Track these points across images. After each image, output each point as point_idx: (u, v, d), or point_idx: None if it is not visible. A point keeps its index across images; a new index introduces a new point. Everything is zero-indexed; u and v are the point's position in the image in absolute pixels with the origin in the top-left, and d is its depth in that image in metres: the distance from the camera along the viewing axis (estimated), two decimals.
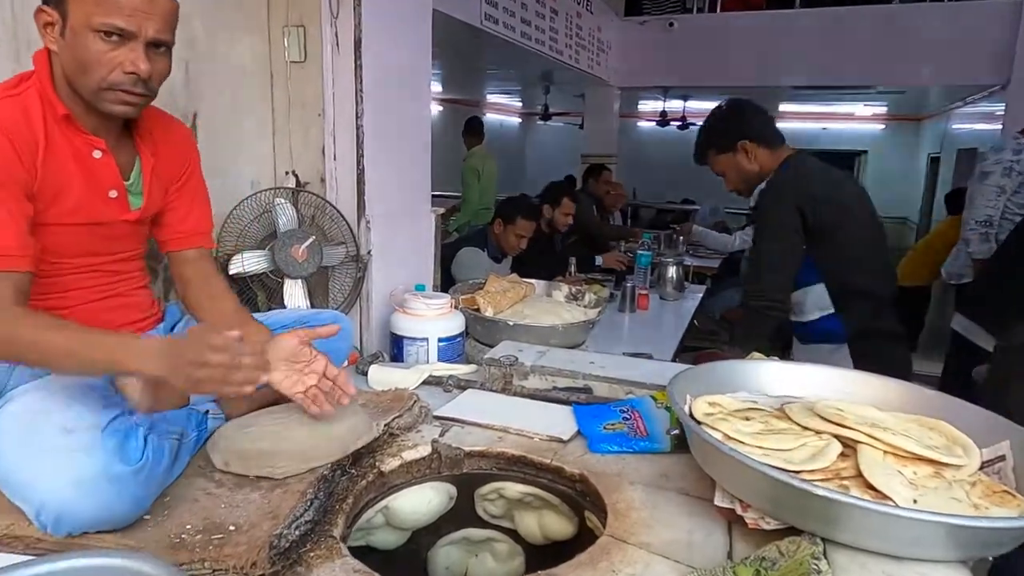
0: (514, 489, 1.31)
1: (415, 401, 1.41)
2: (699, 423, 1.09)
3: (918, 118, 9.46)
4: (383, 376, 1.65)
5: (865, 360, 1.74)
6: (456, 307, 2.15)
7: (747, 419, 1.11)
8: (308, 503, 1.00)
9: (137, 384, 1.13)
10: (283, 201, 1.82)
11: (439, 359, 1.86)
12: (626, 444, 1.27)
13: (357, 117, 1.89)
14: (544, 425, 1.36)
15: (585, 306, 2.49)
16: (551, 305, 2.37)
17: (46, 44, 1.09)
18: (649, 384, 1.49)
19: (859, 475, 0.96)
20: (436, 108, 8.80)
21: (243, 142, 1.92)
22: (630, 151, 8.86)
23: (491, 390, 1.55)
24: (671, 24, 5.73)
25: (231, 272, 1.74)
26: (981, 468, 1.04)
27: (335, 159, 1.93)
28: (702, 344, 5.32)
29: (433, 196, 7.01)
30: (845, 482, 0.96)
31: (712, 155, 2.01)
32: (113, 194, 1.19)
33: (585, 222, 4.92)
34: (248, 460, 1.09)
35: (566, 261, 4.75)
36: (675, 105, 8.95)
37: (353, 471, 1.16)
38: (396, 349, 1.89)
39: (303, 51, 1.89)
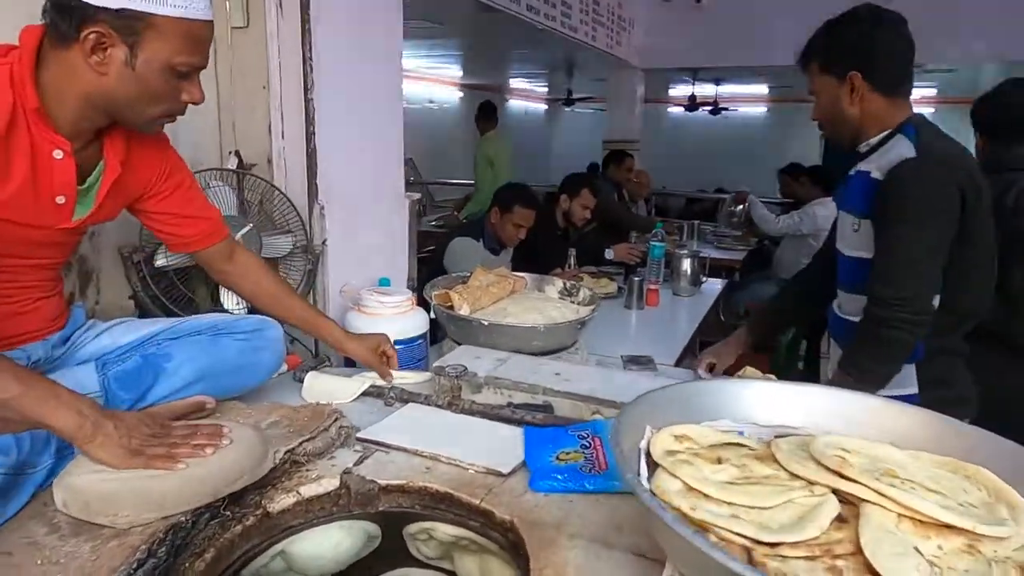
0: (444, 531, 1.08)
1: (335, 420, 1.18)
2: (656, 465, 0.84)
3: (970, 101, 8.86)
4: (319, 385, 1.43)
5: (931, 384, 1.44)
6: (426, 303, 1.93)
7: (719, 461, 0.86)
8: (136, 564, 0.78)
9: None
10: (220, 184, 1.61)
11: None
12: (575, 481, 1.02)
13: (306, 90, 1.67)
14: (485, 452, 1.12)
15: (579, 303, 2.24)
16: (539, 302, 2.12)
17: (88, 65, 0.98)
18: (620, 403, 1.24)
19: (859, 551, 0.70)
20: (457, 94, 8.59)
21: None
22: (659, 138, 8.52)
23: (437, 405, 1.32)
24: (698, 0, 5.37)
25: (157, 265, 1.54)
26: None
27: (283, 138, 1.72)
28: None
29: (451, 184, 6.93)
30: (839, 562, 0.70)
31: (814, 67, 1.50)
32: (60, 200, 1.08)
33: (605, 208, 4.65)
34: (88, 503, 0.88)
35: (584, 251, 4.51)
36: (707, 90, 8.53)
37: (228, 513, 0.94)
38: None
39: (246, 14, 1.68)
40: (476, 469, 1.08)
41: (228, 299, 1.62)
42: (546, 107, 11.14)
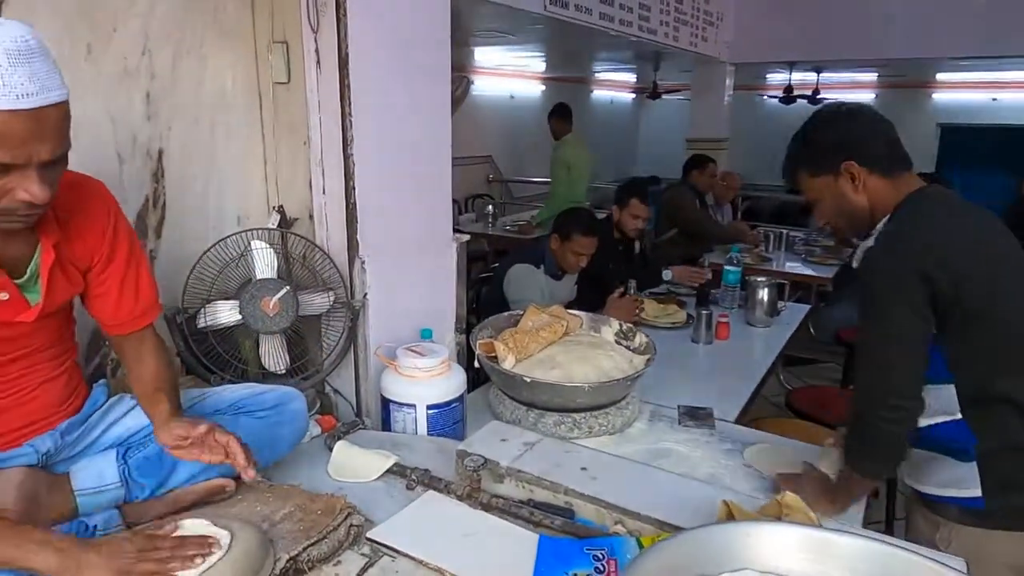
0: None
1: (346, 517, 1.16)
2: None
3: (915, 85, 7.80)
4: (345, 459, 1.42)
5: (999, 488, 1.27)
6: (471, 353, 1.88)
7: None
8: None
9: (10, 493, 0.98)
10: (262, 245, 1.62)
11: (429, 430, 1.60)
12: None
13: (345, 145, 1.64)
14: (493, 567, 1.07)
15: (635, 350, 2.12)
16: (591, 349, 2.02)
17: None
18: (644, 516, 1.14)
19: None
20: (539, 87, 8.45)
21: (226, 174, 1.73)
22: (752, 129, 8.05)
23: (456, 496, 1.27)
24: None
25: (198, 326, 1.57)
26: None
27: (324, 193, 1.70)
28: (814, 357, 4.67)
29: (533, 182, 6.81)
30: None
31: (804, 176, 1.43)
32: (3, 296, 1.02)
33: (685, 218, 4.44)
34: None
35: (661, 263, 4.32)
36: (805, 77, 7.95)
37: None
38: (384, 414, 1.65)
39: (287, 70, 1.67)
40: None
41: (268, 359, 1.63)
42: (633, 96, 10.79)
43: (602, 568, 1.05)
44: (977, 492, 1.28)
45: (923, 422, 1.31)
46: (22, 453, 1.10)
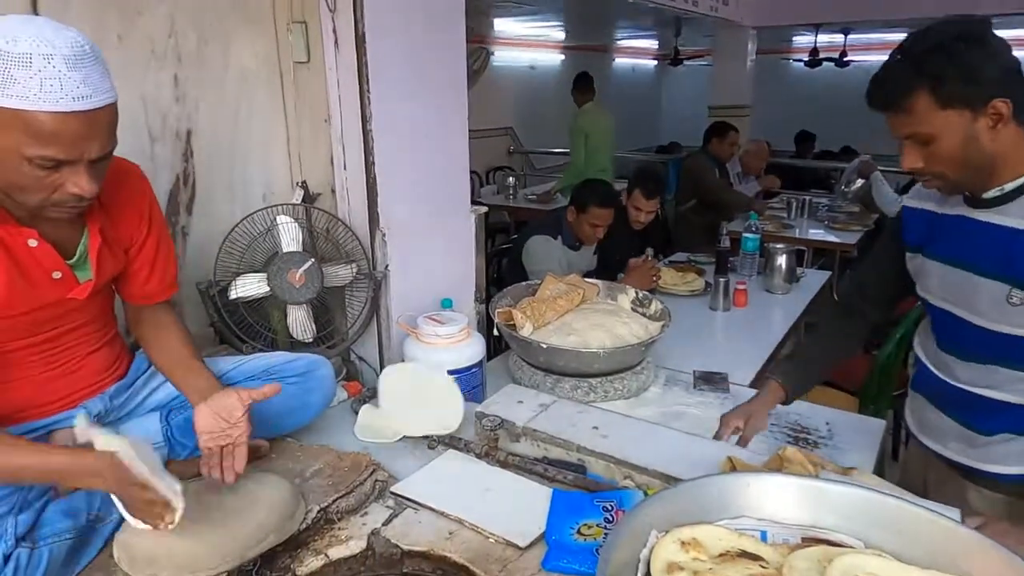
0: None
1: (372, 473, 1.24)
2: None
3: None
4: (371, 421, 1.50)
5: None
6: (490, 318, 1.95)
7: None
8: None
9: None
10: (287, 220, 1.69)
11: None
12: (588, 566, 1.02)
13: (365, 121, 1.70)
14: (508, 518, 1.14)
15: (650, 317, 2.17)
16: (607, 316, 2.07)
17: None
18: (651, 471, 1.20)
19: None
20: (559, 57, 8.36)
21: (251, 153, 1.80)
22: (776, 94, 7.89)
23: (475, 453, 1.35)
24: None
25: (230, 298, 1.65)
26: None
27: (345, 168, 1.76)
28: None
29: (553, 153, 6.81)
30: None
31: (925, 103, 1.11)
32: (57, 275, 1.10)
33: (704, 188, 4.42)
34: (134, 559, 0.98)
35: (683, 233, 4.32)
36: (831, 39, 7.74)
37: None
38: None
39: (307, 49, 1.72)
40: (496, 539, 1.10)
41: (296, 328, 1.72)
42: (655, 63, 10.63)
43: (611, 518, 1.11)
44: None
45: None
46: (75, 414, 1.20)
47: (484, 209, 2.17)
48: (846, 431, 1.66)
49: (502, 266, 3.31)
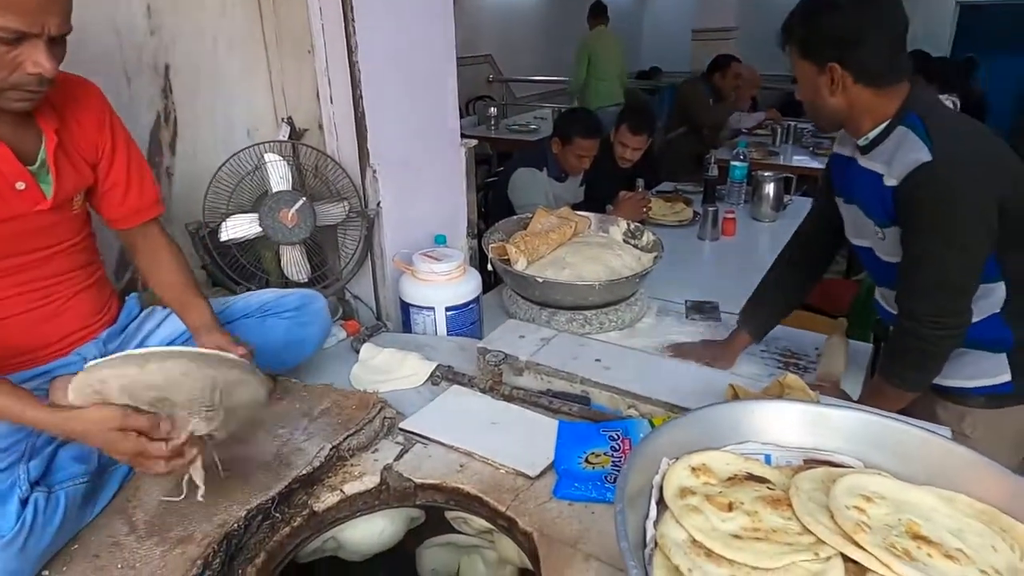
0: (478, 522, 1.15)
1: (380, 410, 1.26)
2: (664, 506, 0.86)
3: None
4: (370, 354, 1.50)
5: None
6: (484, 253, 1.94)
7: (730, 507, 0.85)
8: (197, 573, 0.89)
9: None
10: (275, 158, 1.64)
11: (448, 331, 1.69)
12: (598, 492, 1.06)
13: (350, 52, 1.63)
14: (518, 449, 1.17)
15: (642, 248, 2.18)
16: (599, 249, 2.08)
17: None
18: (655, 400, 1.23)
19: None
20: None
21: (233, 87, 1.73)
22: (761, 18, 7.67)
23: (479, 388, 1.37)
24: None
25: (221, 239, 1.62)
26: None
27: (332, 103, 1.70)
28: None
29: (528, 81, 6.78)
30: None
31: (793, 50, 1.35)
32: (20, 186, 1.07)
33: (695, 113, 4.35)
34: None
35: (674, 160, 4.27)
36: None
37: (277, 515, 1.05)
38: (404, 317, 1.73)
39: None
40: (507, 470, 1.13)
41: (290, 268, 1.70)
42: None
43: (617, 447, 1.15)
44: (1006, 378, 1.37)
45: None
46: (71, 362, 1.19)
47: (474, 142, 2.12)
48: None
49: (488, 200, 3.28)
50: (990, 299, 1.34)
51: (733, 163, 3.11)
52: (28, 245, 1.13)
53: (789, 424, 0.99)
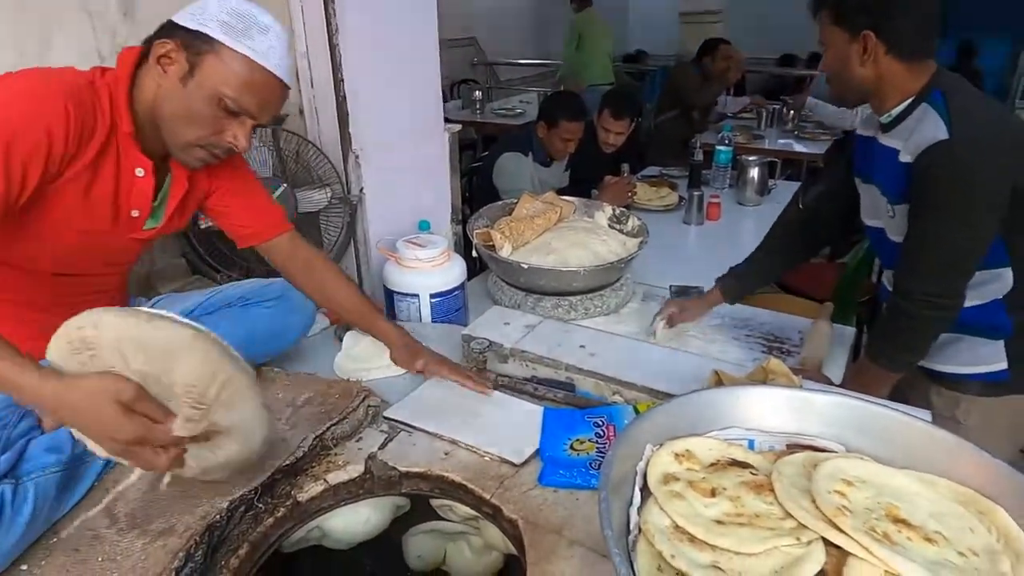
0: (464, 509, 1.15)
1: (364, 399, 1.25)
2: (647, 493, 0.86)
3: None
4: (353, 342, 1.49)
5: (1022, 358, 1.37)
6: (469, 239, 1.93)
7: (713, 493, 0.86)
8: (175, 571, 0.89)
9: None
10: (255, 142, 1.62)
11: (433, 318, 1.68)
12: (583, 478, 1.06)
13: (330, 34, 1.60)
14: (502, 437, 1.17)
15: (628, 233, 2.18)
16: (584, 234, 2.08)
17: (153, 75, 1.04)
18: (639, 386, 1.23)
19: None
20: None
21: None
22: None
23: None
24: None
25: (202, 228, 1.60)
26: None
27: (312, 86, 1.68)
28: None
29: (513, 65, 6.86)
30: None
31: (825, 16, 1.32)
32: (135, 213, 1.15)
33: (687, 95, 4.32)
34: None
35: (662, 143, 4.25)
36: None
37: (260, 505, 1.04)
38: (388, 304, 1.72)
39: None
40: (492, 457, 1.13)
41: None
42: None
43: (602, 433, 1.15)
44: (1003, 365, 1.37)
45: (970, 303, 1.33)
46: None
47: (458, 127, 2.10)
48: None
49: (473, 185, 3.26)
50: (995, 284, 1.33)
51: (718, 147, 3.11)
52: (97, 262, 1.19)
53: (772, 409, 0.99)
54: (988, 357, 1.38)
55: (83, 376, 0.86)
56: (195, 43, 1.01)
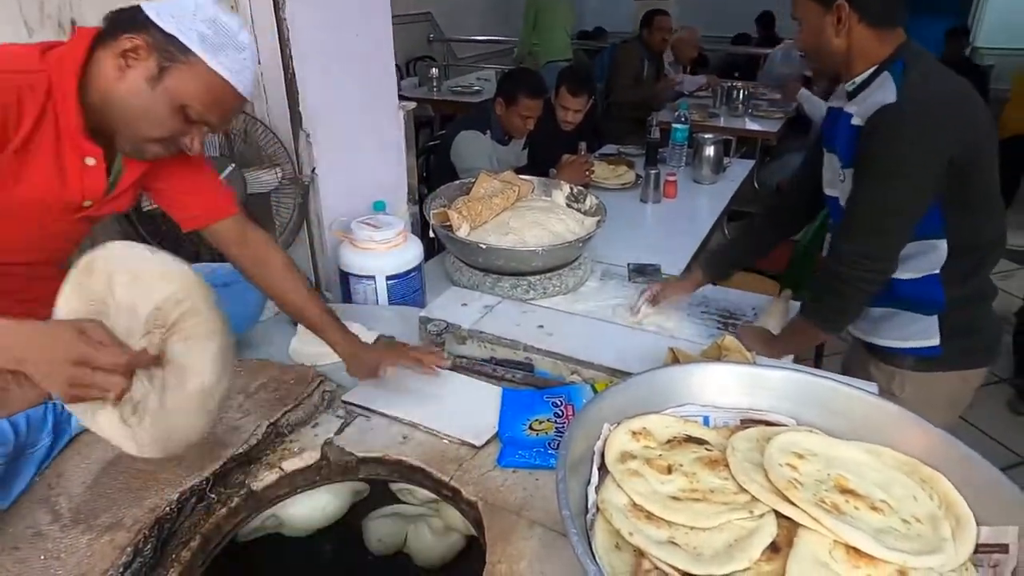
0: (423, 492, 1.14)
1: (319, 384, 1.22)
2: (607, 471, 0.86)
3: None
4: (307, 341, 1.45)
5: (954, 335, 1.40)
6: (426, 220, 1.90)
7: (669, 470, 0.87)
8: (123, 567, 0.86)
9: None
10: None
11: (390, 300, 1.65)
12: (541, 459, 1.06)
13: (277, 7, 1.54)
14: (461, 418, 1.16)
15: (585, 212, 2.18)
16: (543, 214, 2.07)
17: (111, 65, 0.98)
18: (597, 365, 1.24)
19: None
20: None
21: None
22: None
23: None
24: None
25: (144, 209, 1.53)
26: (976, 552, 0.78)
27: (259, 62, 1.61)
28: (758, 211, 4.83)
29: (476, 40, 6.82)
30: None
31: None
32: (87, 204, 1.10)
33: (629, 76, 4.32)
34: None
35: (614, 125, 4.25)
36: None
37: (213, 496, 1.01)
38: (344, 287, 1.69)
39: None
40: (451, 440, 1.12)
41: None
42: None
43: (560, 413, 1.15)
44: (935, 341, 1.40)
45: (905, 276, 1.37)
46: None
47: (413, 105, 2.06)
48: None
49: (430, 163, 3.21)
50: (930, 256, 1.34)
51: (675, 125, 3.12)
52: (36, 248, 1.14)
53: (726, 386, 1.01)
54: (921, 332, 1.41)
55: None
56: (168, 49, 0.97)
